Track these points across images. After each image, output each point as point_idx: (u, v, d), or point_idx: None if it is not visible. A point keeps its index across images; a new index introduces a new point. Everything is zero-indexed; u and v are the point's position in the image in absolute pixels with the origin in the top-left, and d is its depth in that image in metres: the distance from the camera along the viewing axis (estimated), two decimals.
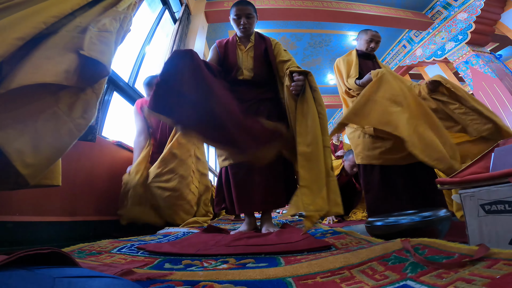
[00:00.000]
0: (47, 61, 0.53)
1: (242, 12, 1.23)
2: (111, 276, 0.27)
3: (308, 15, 3.61)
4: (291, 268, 0.43)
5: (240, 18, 1.24)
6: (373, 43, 1.57)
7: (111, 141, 1.60)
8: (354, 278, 0.36)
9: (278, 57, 1.22)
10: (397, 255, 0.42)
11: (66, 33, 0.58)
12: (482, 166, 0.59)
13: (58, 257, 0.30)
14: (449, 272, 0.32)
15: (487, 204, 0.45)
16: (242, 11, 1.24)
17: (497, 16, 3.43)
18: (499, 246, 0.42)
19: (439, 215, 0.69)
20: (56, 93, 0.59)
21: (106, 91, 1.67)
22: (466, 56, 3.49)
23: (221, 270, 0.45)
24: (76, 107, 0.64)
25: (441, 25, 3.88)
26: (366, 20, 3.82)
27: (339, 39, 4.54)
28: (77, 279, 0.24)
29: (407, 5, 3.97)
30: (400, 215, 0.74)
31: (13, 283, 0.20)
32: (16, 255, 0.25)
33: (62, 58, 0.56)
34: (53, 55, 0.55)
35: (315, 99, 0.92)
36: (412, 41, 4.42)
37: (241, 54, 1.30)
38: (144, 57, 2.27)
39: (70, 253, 0.62)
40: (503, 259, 0.33)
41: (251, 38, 1.32)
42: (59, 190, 1.13)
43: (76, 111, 0.64)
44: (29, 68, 0.50)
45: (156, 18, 2.59)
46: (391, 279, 0.33)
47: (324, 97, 6.45)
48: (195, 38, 2.94)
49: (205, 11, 3.28)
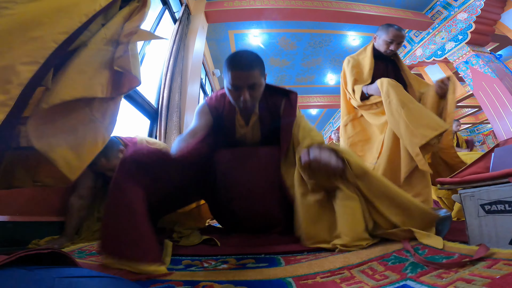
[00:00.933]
0: (83, 76, 0.59)
1: (243, 83, 0.79)
2: (111, 276, 0.27)
3: (308, 15, 3.61)
4: (291, 268, 0.43)
5: (240, 90, 0.81)
6: (394, 45, 1.32)
7: None
8: (354, 278, 0.36)
9: (297, 135, 0.87)
10: (397, 255, 0.42)
11: (94, 46, 0.61)
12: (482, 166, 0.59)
13: (58, 257, 0.30)
14: (449, 272, 0.32)
15: (487, 204, 0.45)
16: (242, 80, 0.79)
17: (497, 16, 3.43)
18: (499, 246, 0.42)
19: (439, 215, 0.69)
20: (90, 103, 0.65)
21: None
22: (466, 56, 3.49)
23: (221, 270, 0.45)
24: (107, 113, 0.72)
25: (441, 25, 3.88)
26: (366, 20, 3.82)
27: (339, 39, 4.54)
28: (77, 279, 0.24)
29: (407, 5, 3.97)
30: None
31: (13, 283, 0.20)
32: (16, 255, 0.25)
33: (96, 72, 0.62)
34: (87, 69, 0.60)
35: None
36: (412, 41, 4.42)
37: (242, 130, 0.97)
38: (144, 57, 2.27)
39: (70, 253, 0.62)
40: (503, 259, 0.33)
41: (255, 110, 0.94)
42: (59, 190, 1.13)
43: (107, 117, 0.71)
44: (67, 82, 0.56)
45: (156, 18, 2.59)
46: (391, 279, 0.33)
47: (324, 97, 6.48)
48: (195, 38, 2.94)
49: (205, 11, 3.28)
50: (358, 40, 4.59)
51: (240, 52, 0.82)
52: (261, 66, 0.83)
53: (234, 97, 0.84)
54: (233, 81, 0.80)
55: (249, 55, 0.81)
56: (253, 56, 0.81)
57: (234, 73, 0.79)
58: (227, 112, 0.96)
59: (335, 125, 7.73)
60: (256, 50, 4.57)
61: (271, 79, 5.65)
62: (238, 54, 0.81)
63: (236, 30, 4.10)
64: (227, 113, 0.96)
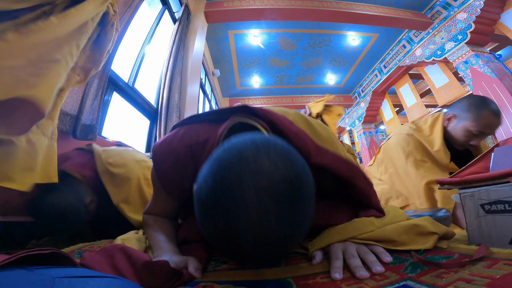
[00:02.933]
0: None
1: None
2: (111, 276, 0.27)
3: (308, 15, 3.61)
4: (291, 268, 0.43)
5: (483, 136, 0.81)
6: (480, 138, 0.95)
7: (110, 141, 1.60)
8: (354, 278, 0.36)
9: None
10: (397, 255, 0.42)
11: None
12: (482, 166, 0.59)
13: (58, 257, 0.30)
14: (449, 272, 0.32)
15: (487, 204, 0.45)
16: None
17: (497, 16, 3.43)
18: (499, 246, 0.42)
19: (439, 215, 0.69)
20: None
21: (106, 91, 1.67)
22: (466, 56, 3.49)
23: (221, 270, 0.45)
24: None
25: (440, 25, 3.89)
26: (366, 20, 3.83)
27: (339, 39, 4.55)
28: (77, 279, 0.24)
29: (406, 5, 3.98)
30: None
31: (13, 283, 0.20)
32: (16, 255, 0.25)
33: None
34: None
35: None
36: (412, 41, 4.42)
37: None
38: (144, 57, 2.27)
39: (70, 253, 0.62)
40: (503, 259, 0.33)
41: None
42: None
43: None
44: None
45: (156, 18, 2.59)
46: (391, 279, 0.33)
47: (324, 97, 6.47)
48: (195, 38, 2.94)
49: (205, 11, 3.28)
50: (358, 40, 4.60)
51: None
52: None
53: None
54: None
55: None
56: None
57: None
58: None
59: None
60: (256, 50, 4.57)
61: (271, 79, 5.65)
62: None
63: (236, 30, 4.10)
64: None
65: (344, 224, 0.49)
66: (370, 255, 0.41)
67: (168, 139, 0.58)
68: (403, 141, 1.07)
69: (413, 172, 0.98)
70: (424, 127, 1.10)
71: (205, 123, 0.59)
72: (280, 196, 0.27)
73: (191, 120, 0.62)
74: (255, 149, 0.29)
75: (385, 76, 5.18)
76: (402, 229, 0.45)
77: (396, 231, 0.45)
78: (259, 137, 0.32)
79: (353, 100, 6.55)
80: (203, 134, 0.55)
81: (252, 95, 6.23)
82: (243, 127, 0.50)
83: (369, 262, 0.39)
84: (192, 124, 0.60)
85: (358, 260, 0.40)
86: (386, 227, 0.46)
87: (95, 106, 1.33)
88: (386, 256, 0.41)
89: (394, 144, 1.11)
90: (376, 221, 0.49)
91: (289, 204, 0.27)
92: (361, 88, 6.13)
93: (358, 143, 6.53)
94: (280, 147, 0.31)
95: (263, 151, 0.29)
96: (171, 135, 0.59)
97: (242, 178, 0.26)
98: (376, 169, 1.24)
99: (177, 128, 0.61)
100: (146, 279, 0.37)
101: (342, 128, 7.30)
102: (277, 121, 0.52)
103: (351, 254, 0.41)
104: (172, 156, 0.55)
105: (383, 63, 5.20)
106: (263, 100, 6.27)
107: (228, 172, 0.27)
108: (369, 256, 0.41)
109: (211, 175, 0.29)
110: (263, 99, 6.28)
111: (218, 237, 0.29)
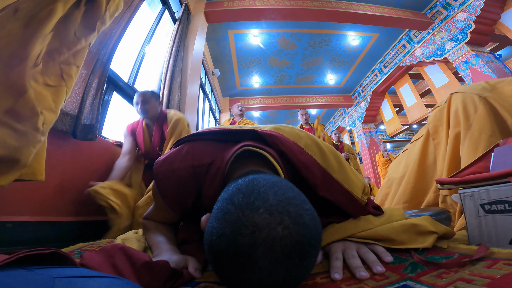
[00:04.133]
0: None
1: None
2: (111, 276, 0.27)
3: (308, 15, 3.61)
4: None
5: None
6: None
7: (110, 141, 1.60)
8: (354, 278, 0.36)
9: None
10: (397, 255, 0.42)
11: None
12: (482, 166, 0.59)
13: (58, 257, 0.30)
14: (449, 272, 0.32)
15: (487, 204, 0.45)
16: None
17: (497, 16, 3.44)
18: (499, 246, 0.42)
19: (439, 215, 0.69)
20: None
21: (106, 91, 1.67)
22: (466, 56, 3.49)
23: None
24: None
25: (440, 25, 3.89)
26: (366, 20, 3.83)
27: (339, 39, 4.55)
28: (77, 279, 0.24)
29: (406, 5, 3.98)
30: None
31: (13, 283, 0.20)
32: (16, 255, 0.25)
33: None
34: None
35: None
36: (412, 41, 4.43)
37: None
38: (144, 57, 2.27)
39: (70, 253, 0.62)
40: (503, 259, 0.33)
41: None
42: (59, 190, 1.13)
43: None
44: None
45: (156, 18, 2.59)
46: (391, 279, 0.33)
47: (324, 97, 6.48)
48: (194, 38, 2.94)
49: (205, 11, 3.28)
50: (358, 40, 4.60)
51: None
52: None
53: None
54: None
55: None
56: None
57: None
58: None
59: (335, 125, 7.74)
60: (256, 50, 4.57)
61: (271, 79, 5.65)
62: None
63: (236, 30, 4.10)
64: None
65: (343, 222, 0.49)
66: (371, 255, 0.41)
67: (171, 158, 0.56)
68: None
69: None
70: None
71: (210, 141, 0.57)
72: (291, 259, 0.28)
73: (196, 138, 0.59)
74: (268, 215, 0.29)
75: (385, 76, 5.19)
76: (400, 228, 0.45)
77: (395, 230, 0.45)
78: (272, 197, 0.31)
79: (353, 100, 6.56)
80: (207, 156, 0.53)
81: (252, 95, 6.23)
82: (251, 154, 0.49)
83: (370, 262, 0.39)
84: (197, 142, 0.58)
85: (358, 260, 0.40)
86: (384, 226, 0.46)
87: (95, 106, 1.33)
88: (387, 256, 0.41)
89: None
90: (374, 220, 0.49)
91: (298, 263, 0.29)
92: (361, 88, 6.13)
93: (358, 143, 6.54)
94: (292, 209, 0.30)
95: (277, 218, 0.29)
96: (174, 153, 0.57)
97: (255, 247, 0.27)
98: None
99: (181, 145, 0.59)
100: (146, 279, 0.37)
101: (342, 128, 7.31)
102: (287, 151, 0.50)
103: (351, 254, 0.41)
104: (174, 176, 0.54)
105: (383, 63, 5.20)
106: (263, 100, 6.27)
107: (241, 238, 0.28)
108: (370, 255, 0.41)
109: (224, 236, 0.29)
110: (263, 99, 6.28)
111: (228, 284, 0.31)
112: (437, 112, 1.00)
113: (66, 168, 1.19)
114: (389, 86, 5.45)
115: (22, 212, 0.96)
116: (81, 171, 1.28)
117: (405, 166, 1.10)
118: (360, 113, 6.22)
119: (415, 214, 0.73)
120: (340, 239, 0.46)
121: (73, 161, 1.24)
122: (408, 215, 0.61)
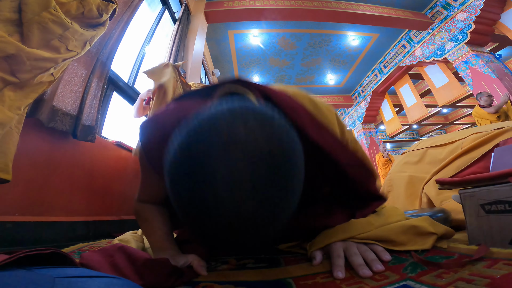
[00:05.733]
0: None
1: None
2: (111, 276, 0.27)
3: (308, 15, 3.61)
4: (291, 268, 0.43)
5: None
6: None
7: (110, 141, 1.60)
8: (354, 278, 0.36)
9: None
10: (397, 255, 0.42)
11: None
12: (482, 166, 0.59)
13: (58, 257, 0.30)
14: (449, 272, 0.32)
15: (487, 204, 0.45)
16: None
17: (497, 16, 3.44)
18: (499, 246, 0.42)
19: (439, 215, 0.69)
20: None
21: (106, 91, 1.67)
22: (466, 56, 3.49)
23: (221, 270, 0.45)
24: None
25: (440, 25, 3.89)
26: (366, 20, 3.83)
27: (339, 39, 4.55)
28: (77, 279, 0.24)
29: (406, 5, 3.98)
30: None
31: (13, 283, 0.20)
32: (16, 255, 0.25)
33: None
34: None
35: None
36: (412, 41, 4.43)
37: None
38: (144, 57, 2.27)
39: (70, 253, 0.62)
40: (503, 259, 0.33)
41: None
42: (59, 190, 1.13)
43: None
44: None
45: (156, 18, 2.59)
46: (391, 279, 0.33)
47: (324, 97, 6.48)
48: (194, 38, 2.94)
49: (205, 11, 3.28)
50: (358, 40, 4.60)
51: None
52: None
53: None
54: None
55: None
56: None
57: None
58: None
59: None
60: (256, 50, 4.57)
61: (271, 79, 5.65)
62: None
63: (236, 30, 4.10)
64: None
65: (343, 224, 0.49)
66: (370, 253, 0.41)
67: (157, 114, 0.54)
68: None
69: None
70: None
71: (198, 97, 0.54)
72: (258, 170, 0.22)
73: (183, 96, 0.58)
74: (230, 116, 0.24)
75: (385, 76, 5.19)
76: (400, 230, 0.45)
77: (395, 232, 0.45)
78: (240, 104, 0.26)
79: (353, 100, 6.55)
80: (193, 108, 0.49)
81: None
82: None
83: (370, 260, 0.39)
84: (183, 100, 0.55)
85: (361, 258, 0.40)
86: (384, 227, 0.46)
87: (95, 106, 1.33)
88: (385, 255, 0.40)
89: None
90: (374, 221, 0.49)
91: (269, 180, 0.23)
92: (361, 88, 6.13)
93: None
94: (262, 114, 0.25)
95: (240, 118, 0.24)
96: (161, 110, 0.55)
97: (211, 150, 0.22)
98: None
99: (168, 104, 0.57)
100: (147, 277, 0.37)
101: None
102: (271, 93, 0.45)
103: (353, 252, 0.41)
104: (159, 131, 0.50)
105: (383, 63, 5.20)
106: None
107: (196, 142, 0.23)
108: (369, 254, 0.41)
109: (179, 145, 0.25)
110: None
111: (189, 218, 0.25)
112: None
113: (66, 168, 1.19)
114: (389, 86, 5.45)
115: (22, 212, 0.96)
116: (81, 171, 1.28)
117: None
118: (360, 113, 6.22)
119: (415, 214, 0.73)
120: (340, 240, 0.46)
121: (73, 161, 1.24)
122: (408, 215, 0.61)
